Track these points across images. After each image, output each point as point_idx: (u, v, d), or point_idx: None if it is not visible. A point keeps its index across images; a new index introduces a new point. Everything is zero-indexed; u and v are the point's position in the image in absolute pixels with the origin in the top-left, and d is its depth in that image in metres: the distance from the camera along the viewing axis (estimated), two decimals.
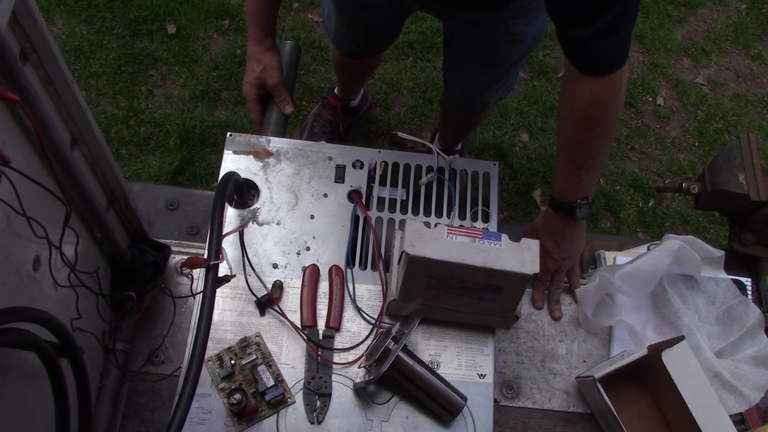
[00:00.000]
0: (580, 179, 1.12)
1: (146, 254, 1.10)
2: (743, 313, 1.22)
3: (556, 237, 1.18)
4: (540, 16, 1.31)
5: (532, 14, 1.29)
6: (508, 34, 1.31)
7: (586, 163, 1.11)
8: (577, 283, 1.22)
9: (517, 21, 1.29)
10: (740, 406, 1.14)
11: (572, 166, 1.11)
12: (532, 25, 1.31)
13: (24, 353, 0.71)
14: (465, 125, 1.92)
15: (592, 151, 1.10)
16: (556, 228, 1.17)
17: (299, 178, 1.16)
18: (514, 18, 1.28)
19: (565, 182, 1.14)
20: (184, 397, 0.75)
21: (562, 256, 1.19)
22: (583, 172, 1.11)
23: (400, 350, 0.99)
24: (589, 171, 1.11)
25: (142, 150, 2.09)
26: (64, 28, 2.26)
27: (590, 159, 1.11)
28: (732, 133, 2.40)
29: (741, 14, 2.68)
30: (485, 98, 1.62)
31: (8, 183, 0.68)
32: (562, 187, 1.14)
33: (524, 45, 1.36)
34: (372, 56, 1.82)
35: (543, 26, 1.36)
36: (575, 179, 1.12)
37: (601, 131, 1.07)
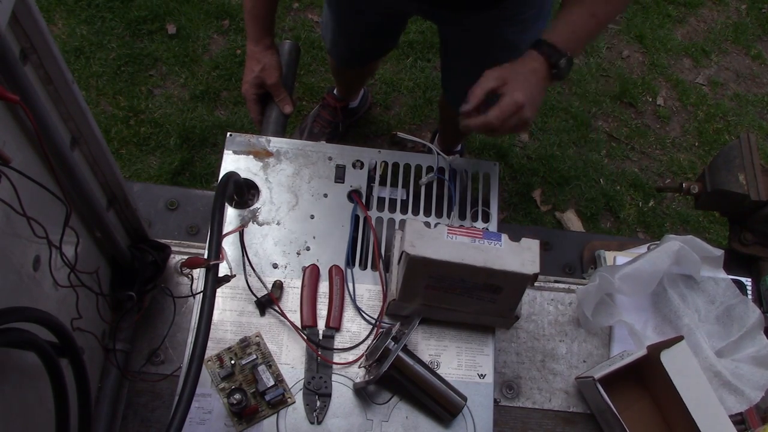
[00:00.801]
0: (588, 32, 1.06)
1: (146, 254, 1.10)
2: (743, 313, 1.22)
3: (529, 81, 1.03)
4: (537, 26, 1.31)
5: (529, 23, 1.28)
6: (503, 42, 1.31)
7: (600, 14, 1.05)
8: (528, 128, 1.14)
9: (513, 29, 1.29)
10: (740, 406, 1.14)
11: (586, 14, 1.05)
12: (528, 33, 1.30)
13: (24, 353, 0.71)
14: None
15: (609, 7, 1.06)
16: (536, 73, 1.04)
17: (299, 178, 1.16)
18: (510, 26, 1.28)
19: (572, 29, 1.06)
20: (184, 397, 0.75)
21: (530, 103, 1.02)
22: (593, 24, 1.05)
23: (400, 350, 0.99)
24: (597, 26, 1.07)
25: (142, 150, 2.09)
26: (64, 28, 2.26)
27: (604, 14, 1.06)
28: (732, 133, 2.40)
29: (741, 14, 2.68)
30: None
31: (8, 183, 0.68)
32: (566, 32, 1.05)
33: (519, 52, 1.35)
34: (367, 65, 1.81)
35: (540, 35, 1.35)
36: (584, 30, 1.06)
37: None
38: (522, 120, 1.01)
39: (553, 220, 2.15)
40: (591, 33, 1.07)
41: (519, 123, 1.01)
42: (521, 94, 1.00)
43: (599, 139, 2.32)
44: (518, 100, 1.00)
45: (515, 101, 1.00)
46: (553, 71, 1.03)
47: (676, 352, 1.08)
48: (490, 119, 1.01)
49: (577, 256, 1.37)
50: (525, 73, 1.02)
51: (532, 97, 1.01)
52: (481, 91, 1.02)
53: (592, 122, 2.35)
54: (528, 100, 1.00)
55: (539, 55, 1.03)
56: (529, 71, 1.03)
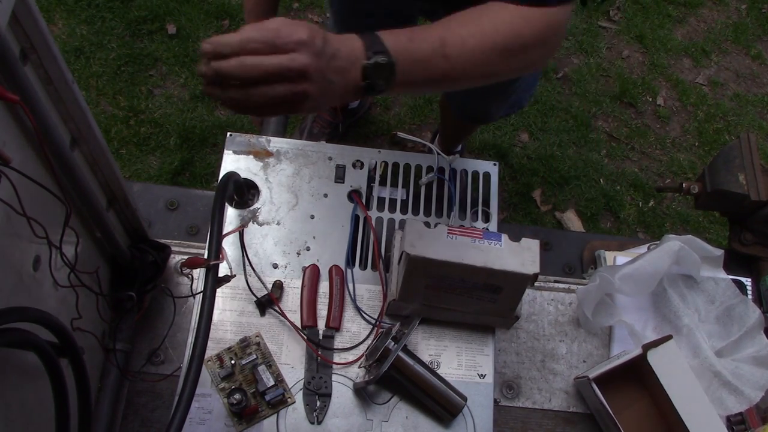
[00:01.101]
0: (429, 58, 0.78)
1: (146, 254, 1.10)
2: (743, 313, 1.22)
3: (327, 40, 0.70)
4: None
5: None
6: None
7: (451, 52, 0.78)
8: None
9: None
10: (740, 406, 1.14)
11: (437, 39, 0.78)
12: None
13: (24, 353, 0.71)
14: (465, 129, 1.92)
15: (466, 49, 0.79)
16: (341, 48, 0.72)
17: (299, 178, 1.16)
18: None
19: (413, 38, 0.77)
20: (184, 397, 0.75)
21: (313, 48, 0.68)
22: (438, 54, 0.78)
23: (400, 350, 0.99)
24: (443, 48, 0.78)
25: (142, 150, 2.09)
26: (64, 28, 2.26)
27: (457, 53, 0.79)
28: (732, 133, 2.40)
29: (741, 14, 2.68)
30: (486, 109, 1.60)
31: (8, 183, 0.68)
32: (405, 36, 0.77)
33: None
34: None
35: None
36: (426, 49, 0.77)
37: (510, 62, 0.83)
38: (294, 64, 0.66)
39: (553, 220, 2.15)
40: (435, 63, 0.78)
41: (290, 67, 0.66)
42: (306, 29, 0.68)
43: (599, 139, 2.32)
44: (300, 32, 0.67)
45: (293, 32, 0.67)
46: (364, 63, 0.73)
47: (663, 352, 1.08)
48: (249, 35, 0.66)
49: (577, 256, 1.37)
50: (327, 32, 0.71)
51: (321, 49, 0.69)
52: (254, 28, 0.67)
53: (592, 122, 2.35)
54: (314, 45, 0.68)
55: (357, 37, 0.75)
56: (332, 35, 0.72)
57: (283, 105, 0.69)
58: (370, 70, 0.74)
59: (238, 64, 0.65)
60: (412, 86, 0.79)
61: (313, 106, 0.71)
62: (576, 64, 2.46)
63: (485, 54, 0.81)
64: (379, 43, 0.75)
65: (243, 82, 0.67)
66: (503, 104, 1.55)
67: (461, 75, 0.81)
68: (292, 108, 0.70)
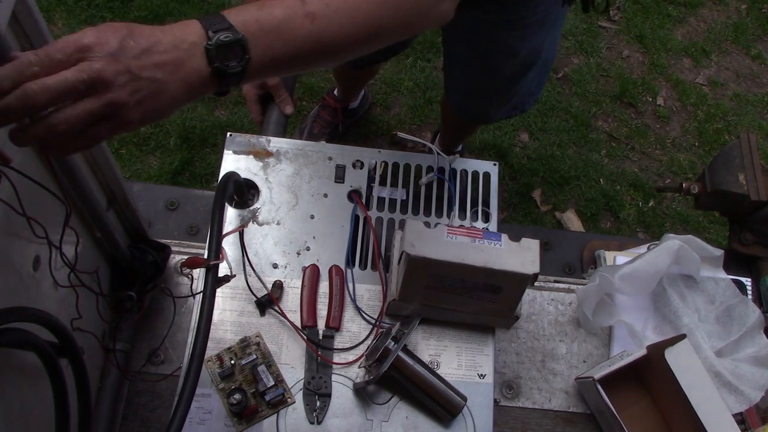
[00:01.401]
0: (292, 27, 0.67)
1: (146, 254, 1.10)
2: (743, 312, 1.22)
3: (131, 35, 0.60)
4: (540, 34, 1.30)
5: (530, 29, 1.28)
6: (501, 45, 1.31)
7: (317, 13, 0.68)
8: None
9: (513, 34, 1.28)
10: (740, 406, 1.14)
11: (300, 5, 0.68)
12: (529, 41, 1.30)
13: (24, 353, 0.71)
14: (466, 129, 1.92)
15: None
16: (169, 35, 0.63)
17: (299, 178, 1.17)
18: (511, 31, 1.27)
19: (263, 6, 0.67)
20: (184, 397, 0.75)
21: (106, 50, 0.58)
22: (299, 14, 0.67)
23: (400, 350, 0.99)
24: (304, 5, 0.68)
25: (142, 150, 2.09)
26: (64, 28, 2.26)
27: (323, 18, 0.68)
28: (732, 133, 2.40)
29: (741, 14, 2.68)
30: (487, 110, 1.60)
31: (8, 183, 0.68)
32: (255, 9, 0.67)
33: (519, 59, 1.34)
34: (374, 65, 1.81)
35: (543, 45, 1.33)
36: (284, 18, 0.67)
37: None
38: (90, 73, 0.57)
39: (553, 220, 2.15)
40: (297, 25, 0.67)
41: (80, 78, 0.57)
42: (93, 32, 0.59)
43: (599, 139, 2.32)
44: (80, 36, 0.58)
45: (73, 38, 0.58)
46: (206, 45, 0.63)
47: (679, 351, 1.07)
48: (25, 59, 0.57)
49: (577, 256, 1.37)
50: (138, 26, 0.61)
51: (117, 50, 0.58)
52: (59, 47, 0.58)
53: (592, 122, 2.35)
54: (104, 47, 0.58)
55: (197, 20, 0.65)
56: (150, 29, 0.62)
57: (102, 125, 0.59)
58: (213, 51, 0.63)
59: (21, 95, 0.55)
60: (279, 62, 0.68)
61: (141, 115, 0.61)
62: (576, 64, 2.46)
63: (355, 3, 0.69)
64: (220, 21, 0.64)
65: (33, 113, 0.57)
66: (504, 106, 1.55)
67: (337, 36, 0.69)
68: (115, 125, 0.60)
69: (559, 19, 1.33)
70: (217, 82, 0.65)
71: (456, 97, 1.61)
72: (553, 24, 1.31)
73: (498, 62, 1.37)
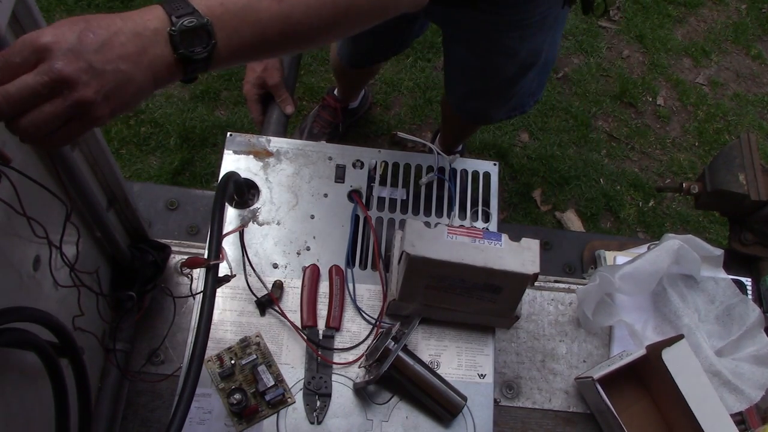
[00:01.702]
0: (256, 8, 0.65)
1: (146, 254, 1.10)
2: (743, 312, 1.22)
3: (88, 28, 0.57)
4: (540, 35, 1.30)
5: (530, 30, 1.27)
6: (500, 46, 1.30)
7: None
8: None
9: (512, 35, 1.28)
10: (740, 405, 1.14)
11: None
12: (528, 41, 1.29)
13: (24, 353, 0.71)
14: (466, 129, 1.92)
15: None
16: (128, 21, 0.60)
17: (299, 178, 1.17)
18: (510, 31, 1.27)
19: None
20: (184, 397, 0.75)
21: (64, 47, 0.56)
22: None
23: (400, 350, 0.99)
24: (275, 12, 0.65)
25: (142, 150, 2.09)
26: None
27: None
28: (732, 133, 2.40)
29: (741, 14, 2.68)
30: (487, 111, 1.59)
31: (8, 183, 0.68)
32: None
33: (518, 60, 1.34)
34: (373, 65, 1.81)
35: (542, 46, 1.33)
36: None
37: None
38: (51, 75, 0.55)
39: (553, 220, 2.15)
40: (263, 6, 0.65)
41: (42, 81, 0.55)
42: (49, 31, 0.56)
43: (599, 139, 2.32)
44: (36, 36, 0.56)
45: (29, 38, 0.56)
46: (170, 31, 0.61)
47: (677, 351, 1.07)
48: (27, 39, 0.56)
49: (577, 256, 1.37)
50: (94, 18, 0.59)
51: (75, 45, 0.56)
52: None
53: (592, 122, 2.35)
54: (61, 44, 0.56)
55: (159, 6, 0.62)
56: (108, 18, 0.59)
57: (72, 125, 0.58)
58: (177, 37, 0.60)
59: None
60: (246, 47, 0.65)
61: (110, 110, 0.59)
62: (576, 64, 2.46)
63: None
64: (183, 5, 0.61)
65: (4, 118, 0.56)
66: (504, 106, 1.54)
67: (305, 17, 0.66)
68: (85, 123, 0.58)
69: (559, 21, 1.33)
70: (183, 68, 0.62)
71: (456, 97, 1.61)
72: (552, 25, 1.31)
73: (498, 63, 1.37)
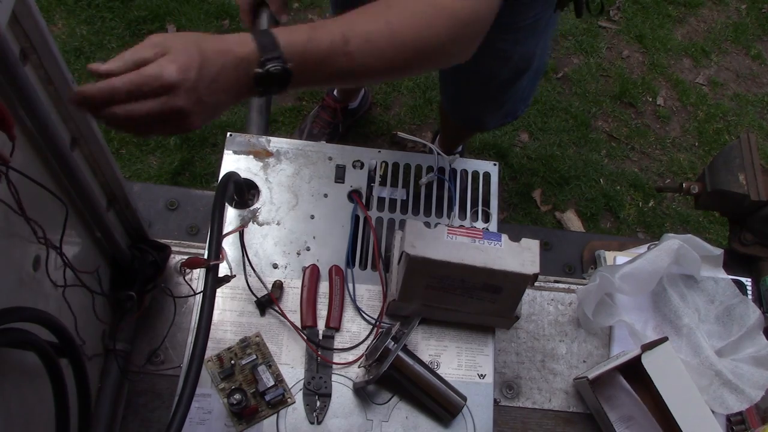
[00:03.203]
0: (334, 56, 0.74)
1: (146, 254, 1.10)
2: (743, 313, 1.22)
3: (202, 64, 0.68)
4: (532, 39, 1.29)
5: (522, 33, 1.27)
6: (493, 50, 1.30)
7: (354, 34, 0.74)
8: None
9: (505, 38, 1.27)
10: (741, 405, 1.14)
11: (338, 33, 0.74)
12: (521, 45, 1.29)
13: (24, 353, 0.71)
14: (463, 134, 1.92)
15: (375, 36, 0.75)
16: (227, 56, 0.70)
17: (299, 178, 1.16)
18: (502, 34, 1.27)
19: (314, 36, 0.73)
20: (184, 397, 0.75)
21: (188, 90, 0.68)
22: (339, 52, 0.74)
23: (400, 350, 0.99)
24: (348, 61, 0.75)
25: (142, 150, 2.09)
26: (64, 28, 2.26)
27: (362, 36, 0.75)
28: (732, 133, 2.40)
29: (741, 14, 2.68)
30: (481, 117, 1.59)
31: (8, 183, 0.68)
32: (305, 34, 0.73)
33: (511, 64, 1.34)
34: None
35: (534, 50, 1.33)
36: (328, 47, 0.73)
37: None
38: (168, 107, 0.66)
39: (553, 220, 2.15)
40: (337, 62, 0.74)
41: (163, 110, 0.66)
42: (175, 68, 0.66)
43: (599, 139, 2.32)
44: (167, 74, 0.66)
45: (160, 74, 0.66)
46: (256, 71, 0.71)
47: (658, 354, 1.08)
48: (114, 84, 0.66)
49: (577, 256, 1.37)
50: (207, 50, 0.69)
51: (195, 83, 0.67)
52: (129, 55, 0.68)
53: (592, 122, 2.35)
54: (185, 83, 0.67)
55: (251, 40, 0.71)
56: (217, 51, 0.70)
57: (167, 128, 0.71)
58: (263, 79, 0.72)
59: (108, 116, 0.66)
60: (311, 84, 0.78)
61: (199, 124, 0.71)
62: (576, 64, 2.46)
63: (392, 50, 0.76)
64: (273, 48, 0.72)
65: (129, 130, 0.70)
66: (497, 112, 1.54)
67: (367, 72, 0.77)
68: (176, 131, 0.72)
69: (550, 25, 1.33)
70: (255, 95, 0.75)
71: (450, 101, 1.61)
72: (544, 29, 1.31)
73: (491, 67, 1.36)
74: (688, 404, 1.06)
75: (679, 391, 1.06)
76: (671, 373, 1.07)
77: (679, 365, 1.09)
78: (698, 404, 1.06)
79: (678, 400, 1.05)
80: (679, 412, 1.05)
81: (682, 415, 1.04)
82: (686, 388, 1.07)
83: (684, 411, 1.05)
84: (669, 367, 1.08)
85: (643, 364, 1.07)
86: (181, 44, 0.68)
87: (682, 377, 1.08)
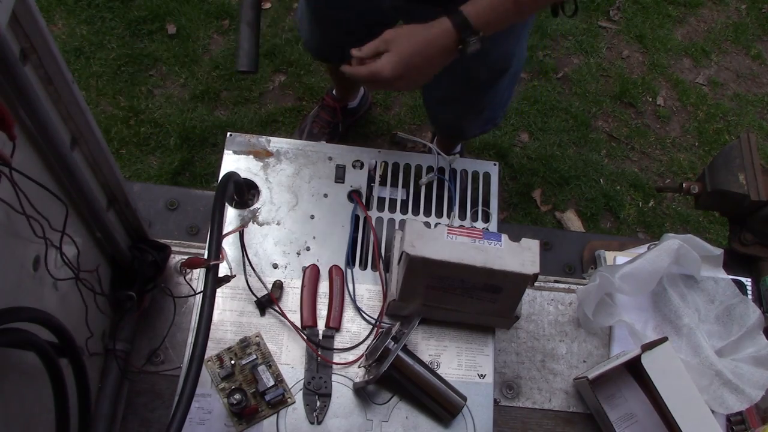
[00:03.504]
0: (506, 16, 0.99)
1: (146, 254, 1.10)
2: (743, 312, 1.22)
3: (418, 51, 0.98)
4: (511, 38, 1.28)
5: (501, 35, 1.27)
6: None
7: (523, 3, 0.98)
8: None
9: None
10: (741, 405, 1.14)
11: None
12: (500, 44, 1.27)
13: (24, 353, 0.71)
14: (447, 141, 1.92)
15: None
16: (435, 43, 0.98)
17: (299, 178, 1.17)
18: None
19: (493, 8, 0.97)
20: (184, 397, 0.75)
21: (405, 78, 1.00)
22: (513, 9, 0.98)
23: (400, 350, 0.99)
24: (517, 13, 0.99)
25: (142, 150, 2.09)
26: (64, 28, 2.26)
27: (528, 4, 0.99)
28: (732, 133, 2.40)
29: (741, 14, 2.68)
30: (460, 123, 1.58)
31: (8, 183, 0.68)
32: (486, 9, 0.97)
33: (488, 63, 1.31)
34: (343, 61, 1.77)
35: (513, 49, 1.32)
36: (503, 13, 0.98)
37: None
38: (390, 89, 1.01)
39: (553, 220, 2.15)
40: (509, 18, 0.99)
41: (388, 89, 1.03)
42: (390, 69, 0.96)
43: (599, 139, 2.32)
44: (384, 73, 0.97)
45: (379, 72, 0.97)
46: (459, 47, 0.98)
47: (658, 354, 1.08)
48: (360, 72, 0.99)
49: (577, 256, 1.37)
50: (420, 41, 0.97)
51: (408, 68, 0.97)
52: (373, 46, 0.98)
53: (592, 122, 2.35)
54: (396, 78, 0.97)
55: (452, 27, 0.96)
56: (427, 40, 0.97)
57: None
58: (464, 50, 0.98)
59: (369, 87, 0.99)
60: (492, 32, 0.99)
61: (413, 88, 1.05)
62: (576, 64, 2.46)
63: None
64: (468, 28, 0.96)
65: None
66: (477, 119, 1.53)
67: (530, 12, 1.03)
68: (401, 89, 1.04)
69: (526, 26, 1.33)
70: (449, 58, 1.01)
71: (431, 106, 1.59)
72: (522, 29, 1.30)
73: (468, 67, 1.34)
74: (688, 404, 1.06)
75: (679, 391, 1.06)
76: (671, 373, 1.07)
77: (679, 365, 1.09)
78: (698, 404, 1.06)
79: (678, 400, 1.05)
80: (678, 412, 1.05)
81: (682, 415, 1.04)
82: (686, 388, 1.07)
83: (684, 411, 1.05)
84: (669, 367, 1.08)
85: (643, 364, 1.07)
86: (398, 43, 0.97)
87: (682, 377, 1.07)
